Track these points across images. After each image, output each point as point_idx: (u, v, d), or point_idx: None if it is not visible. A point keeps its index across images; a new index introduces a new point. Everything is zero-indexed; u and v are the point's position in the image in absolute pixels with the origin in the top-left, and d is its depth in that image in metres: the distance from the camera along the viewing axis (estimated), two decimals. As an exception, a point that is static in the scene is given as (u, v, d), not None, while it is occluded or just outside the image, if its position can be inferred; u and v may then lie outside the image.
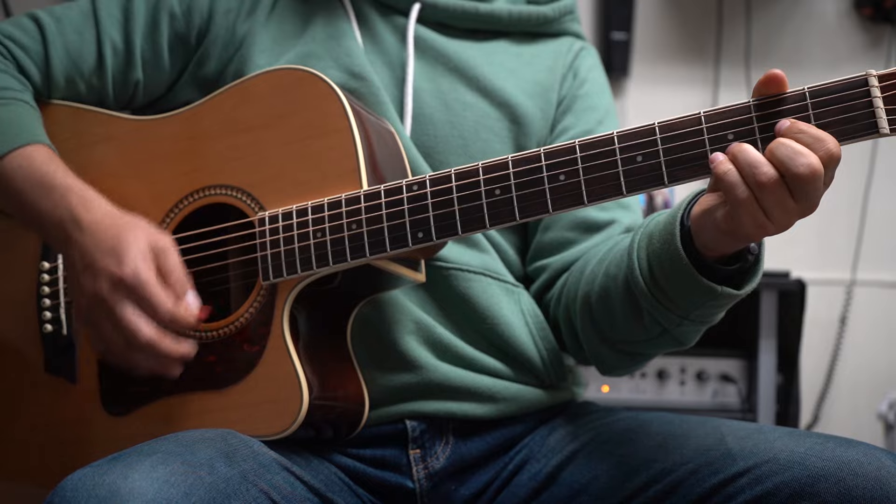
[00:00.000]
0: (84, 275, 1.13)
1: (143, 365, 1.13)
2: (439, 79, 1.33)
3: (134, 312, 1.10)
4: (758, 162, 0.96)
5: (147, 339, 1.10)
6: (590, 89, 1.41)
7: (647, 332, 1.16)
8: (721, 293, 1.06)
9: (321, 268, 1.13)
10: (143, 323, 1.10)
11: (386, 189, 1.12)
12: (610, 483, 1.17)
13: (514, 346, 1.27)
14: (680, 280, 1.07)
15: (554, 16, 1.41)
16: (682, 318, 1.12)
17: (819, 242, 2.78)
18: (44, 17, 1.31)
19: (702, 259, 1.06)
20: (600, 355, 1.26)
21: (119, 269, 1.10)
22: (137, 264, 1.11)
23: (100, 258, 1.12)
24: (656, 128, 1.01)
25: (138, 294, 1.10)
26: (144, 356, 1.12)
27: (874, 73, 0.95)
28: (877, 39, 2.82)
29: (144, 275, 1.10)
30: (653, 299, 1.11)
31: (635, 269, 1.12)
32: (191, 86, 1.34)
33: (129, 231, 1.13)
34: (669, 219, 1.09)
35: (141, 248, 1.12)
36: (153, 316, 1.10)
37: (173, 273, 1.13)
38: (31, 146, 1.21)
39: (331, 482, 1.19)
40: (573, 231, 1.32)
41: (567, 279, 1.29)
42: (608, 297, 1.18)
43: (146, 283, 1.10)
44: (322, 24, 1.33)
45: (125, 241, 1.12)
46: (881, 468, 1.01)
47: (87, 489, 0.93)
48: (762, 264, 1.09)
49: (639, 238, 1.13)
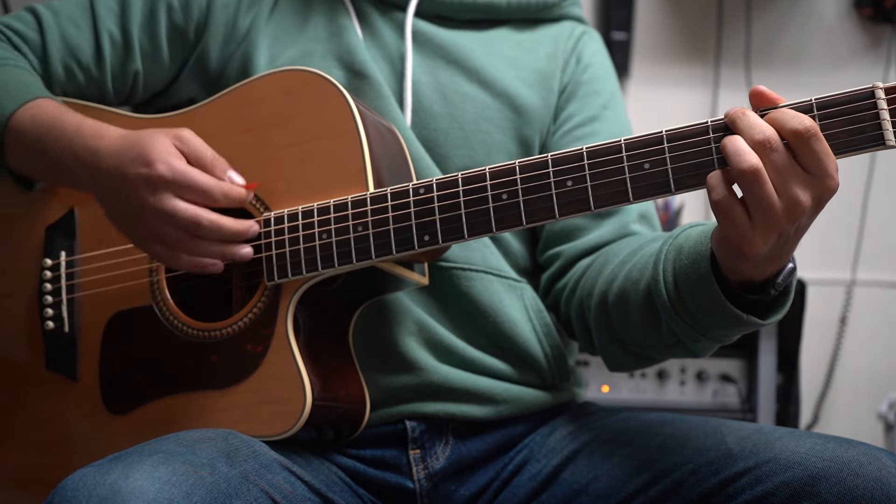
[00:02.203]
0: (121, 195, 1.12)
1: (215, 254, 1.12)
2: (438, 71, 1.33)
3: (185, 201, 1.09)
4: (742, 151, 0.95)
5: (210, 219, 1.10)
6: (594, 74, 1.41)
7: (661, 340, 1.16)
8: (746, 321, 1.05)
9: (326, 269, 1.13)
10: (198, 208, 1.10)
11: (392, 192, 1.12)
12: (610, 483, 1.17)
13: (517, 343, 1.27)
14: (706, 302, 1.06)
15: (554, 1, 1.41)
16: (700, 335, 1.11)
17: (819, 242, 2.78)
18: (41, 10, 1.32)
19: (729, 284, 1.05)
20: (610, 353, 1.26)
21: (152, 169, 1.09)
22: (167, 158, 1.10)
23: (129, 169, 1.11)
24: (664, 136, 1.01)
25: (181, 184, 1.09)
26: (212, 243, 1.11)
27: (881, 86, 0.95)
28: (877, 39, 2.82)
29: (178, 164, 1.10)
30: (674, 313, 1.10)
31: (660, 280, 1.10)
32: (193, 81, 1.34)
33: (146, 136, 1.13)
34: (701, 238, 1.08)
35: (165, 144, 1.11)
36: (204, 198, 1.10)
37: (205, 155, 1.12)
38: (39, 99, 1.22)
39: (331, 482, 1.19)
40: (584, 218, 1.31)
41: (584, 272, 1.28)
42: (626, 301, 1.17)
43: (184, 172, 1.10)
44: (322, 20, 1.33)
45: (146, 144, 1.11)
46: (881, 468, 1.01)
47: (88, 489, 0.92)
48: (790, 299, 1.07)
49: (667, 249, 1.11)
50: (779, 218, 0.96)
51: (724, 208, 0.97)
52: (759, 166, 0.94)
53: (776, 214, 0.95)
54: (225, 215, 1.13)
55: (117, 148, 1.13)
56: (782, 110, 0.97)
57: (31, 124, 1.19)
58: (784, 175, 0.95)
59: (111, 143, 1.14)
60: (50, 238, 1.28)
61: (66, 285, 1.26)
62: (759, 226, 0.96)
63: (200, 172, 1.11)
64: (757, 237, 0.97)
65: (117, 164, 1.12)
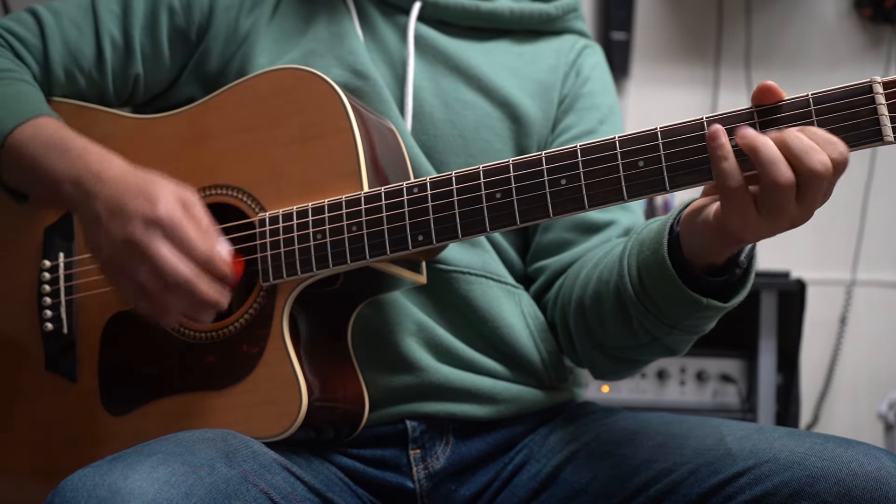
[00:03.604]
0: (111, 222, 1.10)
1: (176, 307, 1.09)
2: (440, 78, 1.33)
3: (171, 250, 1.07)
4: (776, 160, 0.94)
5: (186, 275, 1.07)
6: (592, 88, 1.40)
7: (636, 339, 1.17)
8: (706, 305, 1.07)
9: (321, 269, 1.13)
10: (180, 260, 1.07)
11: (386, 191, 1.11)
12: (610, 483, 1.17)
13: (515, 348, 1.27)
14: (666, 290, 1.08)
15: (557, 13, 1.40)
16: (670, 328, 1.12)
17: (819, 242, 2.78)
18: (42, 12, 1.31)
19: (690, 269, 1.06)
20: (592, 359, 1.26)
21: (153, 209, 1.08)
22: (170, 204, 1.09)
23: (130, 201, 1.09)
24: (658, 133, 1.01)
25: (175, 233, 1.08)
26: (179, 298, 1.08)
27: (879, 80, 0.94)
28: (877, 40, 2.82)
29: (179, 214, 1.09)
30: (641, 307, 1.11)
31: (625, 276, 1.12)
32: (193, 82, 1.34)
33: (156, 179, 1.12)
34: (660, 227, 1.09)
35: (171, 192, 1.10)
36: (189, 255, 1.08)
37: (203, 221, 1.11)
38: (41, 117, 1.20)
39: (331, 482, 1.19)
40: (572, 232, 1.32)
41: (564, 281, 1.29)
42: (600, 303, 1.18)
43: (182, 223, 1.08)
44: (324, 22, 1.33)
45: (155, 185, 1.11)
46: (881, 468, 1.01)
47: (87, 489, 0.92)
48: (751, 278, 1.09)
49: (630, 245, 1.13)
50: (787, 220, 0.98)
51: (738, 198, 0.97)
52: (793, 182, 0.95)
53: (787, 215, 0.97)
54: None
55: (122, 179, 1.12)
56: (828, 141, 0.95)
57: (33, 142, 1.18)
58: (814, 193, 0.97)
59: (117, 173, 1.13)
60: (48, 239, 1.28)
61: (65, 286, 1.26)
62: (766, 219, 0.98)
63: (196, 230, 1.09)
64: (763, 227, 0.98)
65: (118, 195, 1.11)
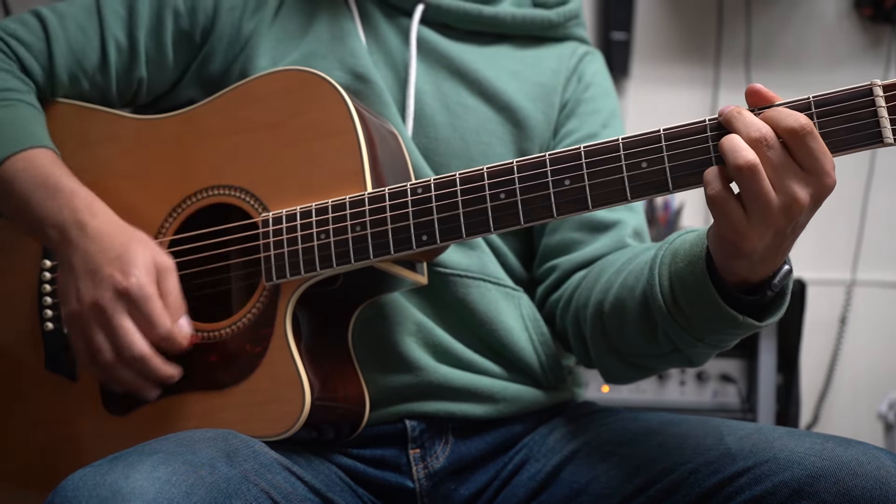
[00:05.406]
0: (84, 280, 1.13)
1: (124, 380, 1.14)
2: (441, 81, 1.33)
3: (131, 325, 1.11)
4: (737, 147, 0.95)
5: (140, 352, 1.11)
6: (594, 93, 1.41)
7: (658, 349, 1.15)
8: (742, 323, 1.05)
9: (324, 269, 1.13)
10: (138, 336, 1.11)
11: (391, 192, 1.12)
12: (610, 483, 1.17)
13: (513, 350, 1.27)
14: (702, 304, 1.06)
15: (559, 20, 1.41)
16: (697, 341, 1.10)
17: (819, 242, 2.78)
18: (47, 14, 1.30)
19: (725, 287, 1.05)
20: (607, 364, 1.26)
21: (125, 279, 1.11)
22: (142, 278, 1.11)
23: (105, 265, 1.12)
24: (661, 134, 1.01)
25: (140, 308, 1.11)
26: (130, 371, 1.13)
27: (879, 83, 0.95)
28: (877, 39, 2.82)
29: (148, 289, 1.11)
30: (670, 318, 1.09)
31: (655, 285, 1.10)
32: (194, 84, 1.34)
33: (135, 243, 1.14)
34: (696, 240, 1.08)
35: (146, 263, 1.13)
36: (149, 331, 1.11)
37: (171, 294, 1.14)
38: (35, 149, 1.21)
39: (331, 482, 1.19)
40: (580, 232, 1.32)
41: (579, 283, 1.28)
42: (623, 309, 1.16)
43: (149, 298, 1.11)
44: (326, 23, 1.33)
45: (132, 251, 1.13)
46: (881, 468, 1.01)
47: (88, 489, 0.92)
48: (786, 301, 1.07)
49: (662, 254, 1.11)
50: (775, 214, 0.96)
51: (719, 203, 0.97)
52: (756, 162, 0.95)
53: (773, 211, 0.96)
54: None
55: (104, 235, 1.14)
56: (778, 108, 0.97)
57: (23, 176, 1.19)
58: (781, 172, 0.95)
59: (100, 225, 1.15)
60: (49, 239, 1.28)
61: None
62: (756, 222, 0.96)
63: (161, 307, 1.12)
64: (753, 233, 0.97)
65: (96, 252, 1.13)
